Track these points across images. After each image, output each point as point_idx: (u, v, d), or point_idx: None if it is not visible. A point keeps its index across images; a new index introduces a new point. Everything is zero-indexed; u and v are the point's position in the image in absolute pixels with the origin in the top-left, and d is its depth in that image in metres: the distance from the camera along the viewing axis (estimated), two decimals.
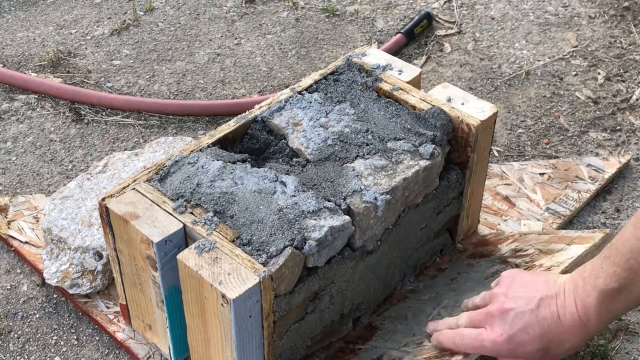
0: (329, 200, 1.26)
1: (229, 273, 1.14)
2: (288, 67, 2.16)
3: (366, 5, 2.40)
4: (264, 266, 1.15)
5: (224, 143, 1.39)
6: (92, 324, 1.49)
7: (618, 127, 1.91)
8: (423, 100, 1.44)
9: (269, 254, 1.17)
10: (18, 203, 1.71)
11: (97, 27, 2.33)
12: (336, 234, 1.22)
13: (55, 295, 1.55)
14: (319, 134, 1.36)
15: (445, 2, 2.40)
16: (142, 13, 2.39)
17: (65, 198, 1.58)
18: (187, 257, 1.16)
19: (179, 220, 1.22)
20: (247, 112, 1.43)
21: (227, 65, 2.17)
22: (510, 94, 2.04)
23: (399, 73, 1.51)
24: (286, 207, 1.22)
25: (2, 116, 2.01)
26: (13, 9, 2.41)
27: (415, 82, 1.51)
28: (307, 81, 1.49)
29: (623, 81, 2.06)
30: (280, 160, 1.37)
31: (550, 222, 1.64)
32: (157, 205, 1.24)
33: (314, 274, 1.24)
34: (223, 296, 1.11)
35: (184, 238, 1.23)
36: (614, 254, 0.97)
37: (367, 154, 1.34)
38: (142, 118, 1.99)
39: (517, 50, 2.19)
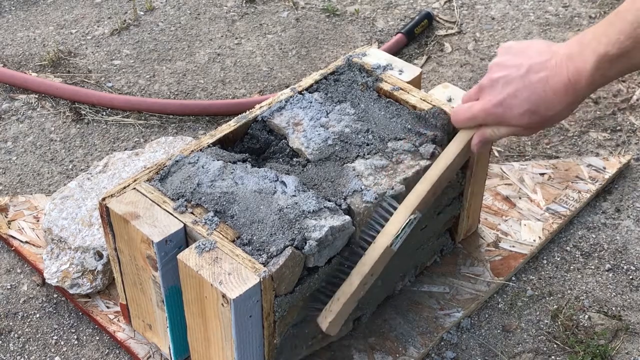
0: (329, 200, 1.26)
1: (229, 273, 1.14)
2: (288, 67, 2.16)
3: (366, 5, 2.40)
4: (264, 266, 1.15)
5: (224, 143, 1.39)
6: (92, 323, 1.49)
7: (618, 127, 1.91)
8: (423, 100, 1.44)
9: (269, 254, 1.17)
10: (18, 203, 1.71)
11: (98, 27, 2.33)
12: (336, 234, 1.22)
13: (55, 295, 1.55)
14: (319, 134, 1.36)
15: (445, 2, 2.40)
16: (142, 13, 2.39)
17: (65, 198, 1.58)
18: (188, 257, 1.16)
19: (180, 220, 1.22)
20: (247, 112, 1.43)
21: (227, 65, 2.17)
22: None
23: (400, 73, 1.51)
24: (286, 207, 1.22)
25: (2, 116, 2.01)
26: (13, 8, 2.41)
27: (416, 82, 1.51)
28: (307, 81, 1.49)
29: (623, 81, 2.06)
30: (281, 160, 1.37)
31: (550, 222, 1.64)
32: (158, 205, 1.24)
33: (314, 274, 1.24)
34: (223, 296, 1.11)
35: (185, 238, 1.23)
36: (619, 22, 0.97)
37: (368, 154, 1.34)
38: (143, 118, 1.99)
39: None
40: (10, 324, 1.50)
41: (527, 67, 1.08)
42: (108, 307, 1.49)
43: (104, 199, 1.26)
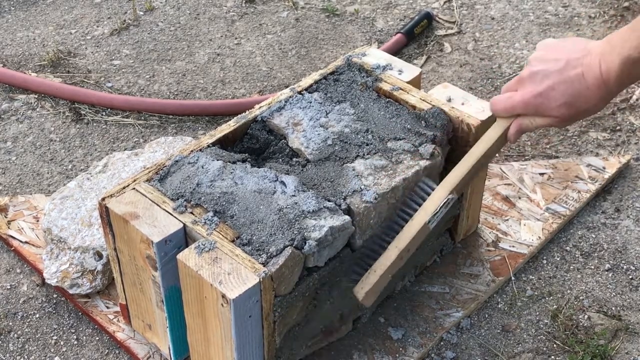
0: (329, 200, 1.26)
1: (229, 273, 1.14)
2: (288, 67, 2.16)
3: (366, 5, 2.40)
4: (264, 266, 1.15)
5: (224, 143, 1.39)
6: (92, 323, 1.49)
7: (618, 127, 1.91)
8: (423, 100, 1.44)
9: (269, 254, 1.16)
10: (18, 203, 1.71)
11: (97, 27, 2.33)
12: (336, 234, 1.22)
13: (55, 295, 1.54)
14: (319, 134, 1.36)
15: (445, 2, 2.40)
16: (142, 13, 2.39)
17: (65, 198, 1.58)
18: (187, 257, 1.16)
19: (179, 220, 1.22)
20: (247, 112, 1.43)
21: (227, 65, 2.17)
22: None
23: (399, 73, 1.51)
24: (286, 207, 1.22)
25: (2, 116, 2.01)
26: (13, 8, 2.41)
27: (415, 82, 1.51)
28: (307, 81, 1.49)
29: None
30: (280, 160, 1.37)
31: (550, 222, 1.64)
32: (157, 205, 1.24)
33: (314, 274, 1.24)
34: (223, 296, 1.11)
35: (184, 238, 1.23)
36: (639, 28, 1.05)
37: (367, 154, 1.34)
38: (142, 118, 1.99)
39: (517, 50, 2.19)
40: (10, 324, 1.50)
41: (564, 62, 1.14)
42: (108, 307, 1.49)
43: (103, 199, 1.26)
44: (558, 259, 1.60)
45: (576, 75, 1.13)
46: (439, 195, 1.27)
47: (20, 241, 1.62)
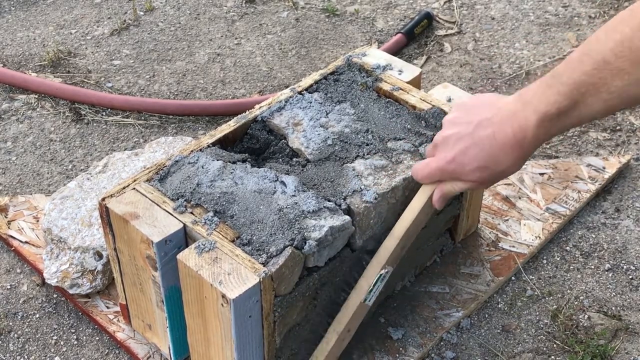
0: (329, 200, 1.26)
1: (229, 273, 1.14)
2: (288, 67, 2.16)
3: (366, 5, 2.40)
4: (264, 266, 1.15)
5: (224, 143, 1.39)
6: (92, 323, 1.49)
7: (618, 127, 1.91)
8: (423, 100, 1.44)
9: (269, 254, 1.17)
10: (18, 203, 1.71)
11: (97, 27, 2.33)
12: (336, 234, 1.22)
13: (55, 295, 1.55)
14: (319, 134, 1.36)
15: (445, 2, 2.40)
16: (142, 13, 2.39)
17: (65, 198, 1.58)
18: (187, 257, 1.16)
19: (179, 220, 1.22)
20: (247, 112, 1.43)
21: (227, 65, 2.17)
22: (510, 94, 2.04)
23: (399, 73, 1.51)
24: (286, 207, 1.22)
25: (2, 116, 2.01)
26: (13, 8, 2.41)
27: (416, 82, 1.51)
28: (307, 81, 1.49)
29: None
30: (280, 160, 1.37)
31: (550, 222, 1.64)
32: (157, 205, 1.24)
33: (314, 274, 1.24)
34: (223, 296, 1.11)
35: (184, 238, 1.23)
36: (557, 84, 1.00)
37: (367, 154, 1.34)
38: (142, 118, 1.99)
39: (517, 50, 2.19)
40: (10, 324, 1.50)
41: (475, 124, 1.11)
42: (108, 307, 1.49)
43: (103, 199, 1.26)
44: (558, 259, 1.60)
45: (487, 137, 1.09)
46: (373, 272, 1.25)
47: (20, 241, 1.62)
